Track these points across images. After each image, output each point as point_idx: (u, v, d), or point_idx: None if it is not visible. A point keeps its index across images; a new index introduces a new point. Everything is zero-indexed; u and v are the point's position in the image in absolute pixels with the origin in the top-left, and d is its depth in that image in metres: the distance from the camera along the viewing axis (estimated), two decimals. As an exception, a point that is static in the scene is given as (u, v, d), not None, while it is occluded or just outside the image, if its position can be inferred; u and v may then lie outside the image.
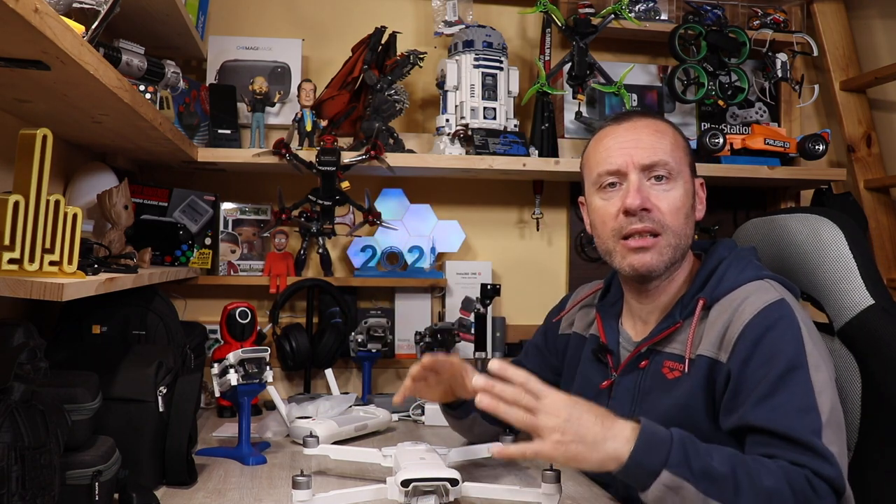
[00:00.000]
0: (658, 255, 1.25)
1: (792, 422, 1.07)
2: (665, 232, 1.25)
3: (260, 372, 1.45)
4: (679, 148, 1.30)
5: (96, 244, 1.35)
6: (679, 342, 1.25)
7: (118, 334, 1.49)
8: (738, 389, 1.14)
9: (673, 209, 1.25)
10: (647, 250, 1.25)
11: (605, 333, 1.38)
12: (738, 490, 1.01)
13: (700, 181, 1.35)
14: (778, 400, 1.09)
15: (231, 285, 2.12)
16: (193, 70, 2.18)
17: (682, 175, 1.28)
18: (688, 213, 1.28)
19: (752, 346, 1.14)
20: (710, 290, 1.25)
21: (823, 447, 1.05)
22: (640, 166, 1.26)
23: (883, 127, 2.37)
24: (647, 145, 1.27)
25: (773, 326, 1.15)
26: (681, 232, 1.26)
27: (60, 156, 1.59)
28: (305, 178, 2.02)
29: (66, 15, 1.09)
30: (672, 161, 1.27)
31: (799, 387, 1.10)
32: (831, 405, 1.10)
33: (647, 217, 1.25)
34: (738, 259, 1.28)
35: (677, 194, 1.26)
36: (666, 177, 1.26)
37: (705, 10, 2.26)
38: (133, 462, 1.22)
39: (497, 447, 1.09)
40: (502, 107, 2.09)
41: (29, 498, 0.88)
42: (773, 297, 1.18)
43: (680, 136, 1.33)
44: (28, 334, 0.94)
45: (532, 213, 2.27)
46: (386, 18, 2.14)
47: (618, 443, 1.04)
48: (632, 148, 1.27)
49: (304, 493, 1.10)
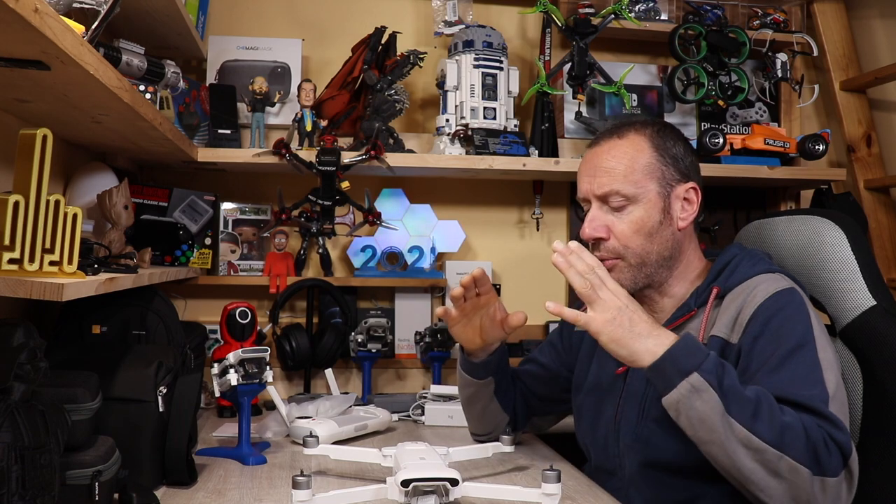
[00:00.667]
0: (620, 275, 1.33)
1: (801, 390, 1.12)
2: (626, 254, 1.32)
3: (260, 372, 1.45)
4: (637, 169, 1.32)
5: (96, 244, 1.35)
6: (692, 329, 1.30)
7: (118, 334, 1.49)
8: (748, 365, 1.19)
9: (630, 233, 1.31)
10: (610, 271, 1.30)
11: None
12: (756, 414, 1.06)
13: (688, 186, 1.35)
14: (786, 373, 1.14)
15: (231, 285, 2.11)
16: (193, 70, 2.18)
17: (644, 196, 1.31)
18: (651, 229, 1.31)
19: (762, 325, 1.20)
20: (723, 280, 1.31)
21: (833, 414, 1.10)
22: (595, 196, 1.34)
23: (883, 127, 2.37)
24: (602, 174, 1.33)
25: (784, 308, 1.20)
26: (642, 250, 1.32)
27: (60, 156, 1.59)
28: (305, 178, 2.02)
29: (66, 15, 1.09)
30: (626, 187, 1.31)
31: (806, 362, 1.15)
32: (836, 383, 1.15)
33: (603, 246, 1.33)
34: (750, 256, 1.34)
35: (636, 216, 1.31)
36: (621, 204, 1.31)
37: (705, 10, 2.26)
38: (133, 462, 1.22)
39: (553, 305, 1.16)
40: (502, 107, 2.09)
41: (29, 498, 0.88)
42: (784, 285, 1.25)
43: (644, 152, 1.33)
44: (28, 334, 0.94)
45: (532, 213, 2.27)
46: (386, 18, 2.14)
47: (659, 340, 1.12)
48: (591, 177, 1.35)
49: (304, 493, 1.10)
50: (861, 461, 1.31)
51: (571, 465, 1.47)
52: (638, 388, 1.33)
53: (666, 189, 1.33)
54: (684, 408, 1.09)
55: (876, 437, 1.32)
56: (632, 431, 1.31)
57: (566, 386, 1.53)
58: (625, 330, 1.12)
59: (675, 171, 1.34)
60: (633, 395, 1.34)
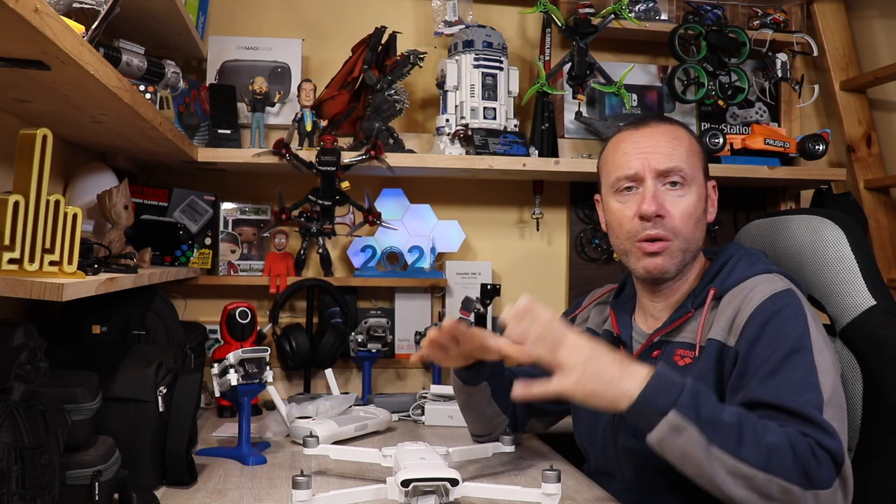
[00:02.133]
0: (670, 259, 1.31)
1: (795, 396, 1.11)
2: (677, 237, 1.30)
3: (260, 372, 1.45)
4: (694, 154, 1.34)
5: (96, 244, 1.35)
6: (690, 331, 1.29)
7: (118, 334, 1.49)
8: (744, 369, 1.18)
9: (685, 215, 1.30)
10: (659, 254, 1.30)
11: (618, 327, 1.42)
12: (740, 441, 1.04)
13: (713, 184, 1.39)
14: (781, 378, 1.13)
15: (231, 285, 2.11)
16: (193, 70, 2.18)
17: (696, 181, 1.32)
18: (699, 217, 1.32)
19: (759, 329, 1.19)
20: (720, 282, 1.30)
21: (825, 420, 1.08)
22: (657, 172, 1.30)
23: (883, 127, 2.37)
24: (663, 151, 1.31)
25: (781, 311, 1.19)
26: (691, 236, 1.31)
27: (60, 156, 1.58)
28: (305, 178, 2.02)
29: (66, 15, 1.09)
30: (687, 167, 1.31)
31: (802, 367, 1.14)
32: (833, 386, 1.13)
33: (661, 223, 1.30)
34: (747, 255, 1.34)
35: (690, 200, 1.31)
36: (680, 183, 1.31)
37: (705, 10, 2.26)
38: (133, 462, 1.22)
39: (520, 388, 1.12)
40: (502, 107, 2.09)
41: (29, 498, 0.88)
42: (781, 287, 1.23)
43: (696, 141, 1.37)
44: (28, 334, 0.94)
45: (532, 213, 2.27)
46: (386, 18, 2.14)
47: (632, 381, 1.08)
48: (649, 153, 1.31)
49: (304, 493, 1.10)
50: (861, 461, 1.31)
51: (571, 465, 1.47)
52: None
53: (706, 181, 1.36)
54: (667, 447, 1.07)
55: (876, 437, 1.32)
56: (630, 437, 1.30)
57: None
58: (595, 382, 1.08)
59: (706, 167, 1.37)
60: None
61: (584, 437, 1.44)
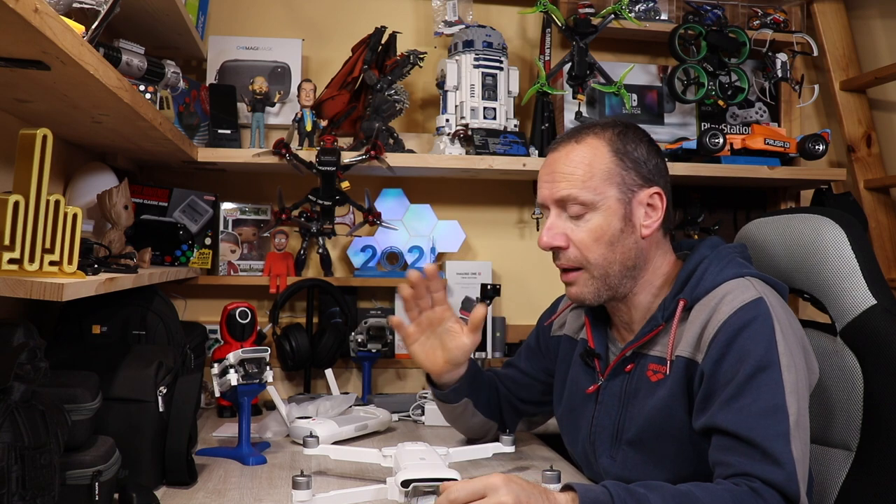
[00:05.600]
0: (583, 287, 1.28)
1: (755, 424, 1.08)
2: (587, 265, 1.27)
3: (260, 372, 1.45)
4: (598, 173, 1.25)
5: (96, 244, 1.35)
6: (662, 344, 1.25)
7: (118, 334, 1.49)
8: (709, 390, 1.15)
9: (590, 242, 1.25)
10: (573, 284, 1.28)
11: (593, 339, 1.37)
12: None
13: (651, 192, 1.27)
14: (744, 402, 1.10)
15: (231, 285, 2.11)
16: (193, 70, 2.18)
17: (604, 201, 1.25)
18: (613, 238, 1.25)
19: (724, 347, 1.15)
20: (689, 291, 1.24)
21: (782, 451, 1.06)
22: (554, 202, 1.28)
23: (883, 127, 2.37)
24: (560, 179, 1.27)
25: (747, 326, 1.15)
26: (603, 261, 1.26)
27: (60, 156, 1.58)
28: (305, 178, 2.02)
29: (66, 15, 1.09)
30: (584, 192, 1.25)
31: (767, 387, 1.10)
32: (799, 407, 1.11)
33: (564, 254, 1.28)
34: (719, 257, 1.26)
35: (595, 224, 1.25)
36: (579, 212, 1.26)
37: (705, 10, 2.26)
38: (133, 462, 1.22)
39: None
40: (502, 107, 2.09)
41: (29, 498, 0.88)
42: (750, 297, 1.17)
43: (607, 154, 1.27)
44: (28, 334, 0.94)
45: (532, 213, 2.27)
46: (386, 18, 2.14)
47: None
48: (550, 181, 1.28)
49: (304, 493, 1.10)
50: (860, 461, 1.31)
51: (571, 465, 1.47)
52: (611, 409, 1.30)
53: (627, 195, 1.26)
54: None
55: (876, 437, 1.32)
56: (606, 453, 1.29)
57: (546, 389, 1.51)
58: None
59: (636, 176, 1.26)
60: (608, 415, 1.30)
61: (569, 446, 1.44)
